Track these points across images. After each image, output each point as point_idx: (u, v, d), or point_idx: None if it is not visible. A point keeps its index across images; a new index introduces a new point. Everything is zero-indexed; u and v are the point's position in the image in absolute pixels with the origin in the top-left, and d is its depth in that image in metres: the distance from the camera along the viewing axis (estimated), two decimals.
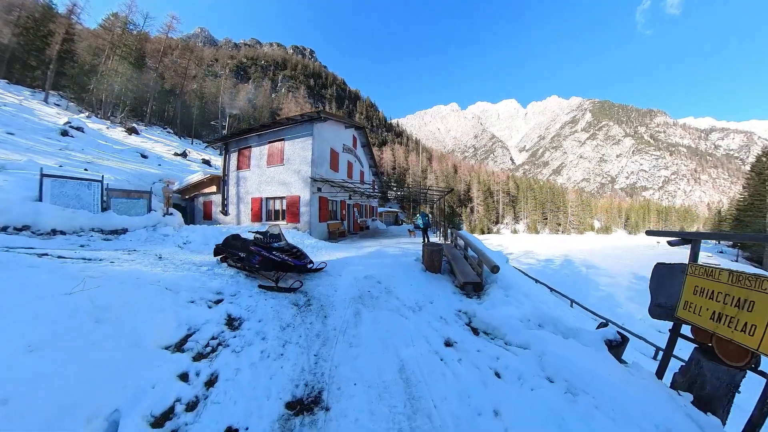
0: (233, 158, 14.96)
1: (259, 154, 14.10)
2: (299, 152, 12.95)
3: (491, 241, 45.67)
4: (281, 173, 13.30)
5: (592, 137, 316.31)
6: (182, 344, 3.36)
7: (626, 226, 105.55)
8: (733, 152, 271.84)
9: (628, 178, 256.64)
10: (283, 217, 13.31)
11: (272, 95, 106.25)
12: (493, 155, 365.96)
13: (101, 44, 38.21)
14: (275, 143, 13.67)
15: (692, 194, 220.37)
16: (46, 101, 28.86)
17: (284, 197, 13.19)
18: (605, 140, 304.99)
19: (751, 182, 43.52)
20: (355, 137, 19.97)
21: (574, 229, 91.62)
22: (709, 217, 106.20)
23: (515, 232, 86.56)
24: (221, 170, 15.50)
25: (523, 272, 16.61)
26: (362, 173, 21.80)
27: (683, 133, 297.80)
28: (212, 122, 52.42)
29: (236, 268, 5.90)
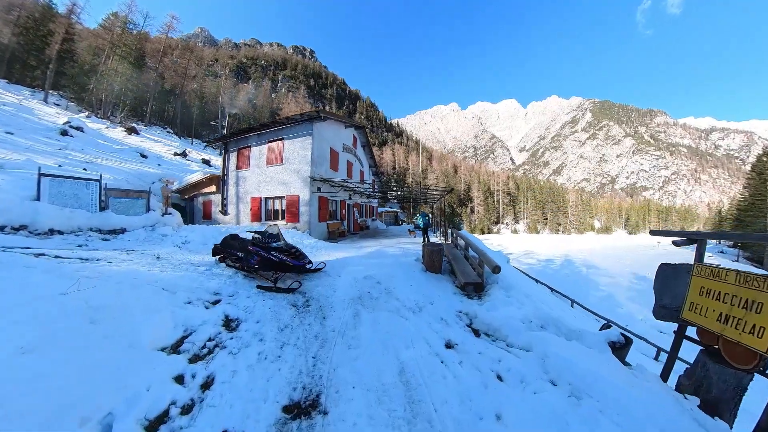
0: (233, 158, 14.91)
1: (258, 153, 14.05)
2: (299, 152, 12.90)
3: (491, 241, 45.64)
4: (281, 173, 13.25)
5: (592, 137, 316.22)
6: (178, 346, 3.31)
7: (626, 226, 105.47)
8: (733, 152, 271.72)
9: (628, 178, 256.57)
10: (282, 216, 13.26)
11: (272, 95, 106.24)
12: (493, 155, 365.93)
13: (101, 44, 38.18)
14: (275, 143, 13.62)
15: (692, 194, 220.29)
16: (45, 101, 28.82)
17: (284, 197, 13.14)
18: (605, 140, 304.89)
19: (751, 182, 43.47)
20: (355, 137, 19.92)
21: (574, 229, 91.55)
22: (709, 217, 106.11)
23: (515, 232, 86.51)
24: (221, 170, 15.45)
25: (523, 272, 16.56)
26: (362, 173, 21.75)
27: (683, 133, 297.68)
28: (212, 122, 52.39)
29: (234, 268, 5.85)
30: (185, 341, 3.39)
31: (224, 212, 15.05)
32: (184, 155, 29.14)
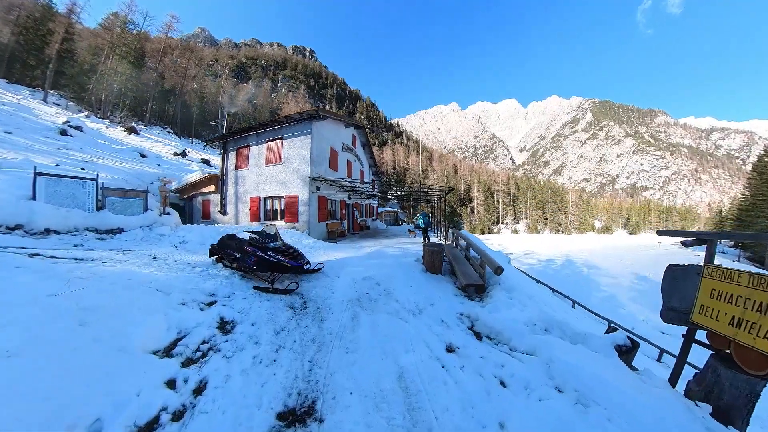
0: (231, 157, 14.82)
1: (257, 153, 13.95)
2: (298, 151, 12.80)
3: (492, 241, 45.52)
4: (280, 172, 13.16)
5: (592, 137, 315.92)
6: (171, 349, 3.23)
7: (627, 226, 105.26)
8: (734, 152, 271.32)
9: (628, 178, 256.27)
10: (281, 216, 13.17)
11: (272, 95, 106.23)
12: (493, 155, 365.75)
13: (101, 43, 38.11)
14: (274, 142, 13.53)
15: (693, 194, 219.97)
16: (45, 100, 28.74)
17: (283, 197, 13.04)
18: (606, 140, 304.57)
19: (752, 182, 43.33)
20: (354, 136, 19.82)
21: (574, 229, 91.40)
22: (710, 217, 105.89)
23: (516, 232, 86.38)
24: (219, 170, 15.36)
25: (524, 273, 16.46)
26: (362, 172, 21.65)
27: (684, 133, 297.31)
28: (212, 122, 52.31)
29: (231, 268, 5.76)
30: (178, 344, 3.31)
31: (223, 212, 14.96)
32: (183, 155, 29.06)
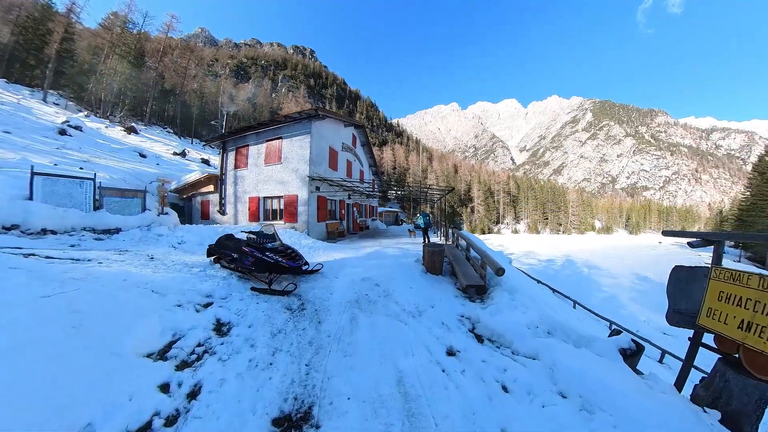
0: (231, 157, 14.76)
1: (256, 152, 13.88)
2: (297, 150, 12.73)
3: (492, 241, 45.43)
4: (279, 172, 13.08)
5: (592, 137, 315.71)
6: (165, 352, 3.16)
7: (627, 226, 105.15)
8: (734, 152, 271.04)
9: (629, 178, 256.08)
10: (280, 216, 13.10)
11: (272, 95, 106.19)
12: (493, 155, 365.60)
13: (101, 43, 38.08)
14: (273, 141, 13.46)
15: (693, 194, 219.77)
16: (44, 100, 28.69)
17: (282, 196, 12.97)
18: (606, 140, 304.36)
19: (753, 182, 43.18)
20: (354, 136, 19.75)
21: (575, 229, 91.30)
22: (710, 217, 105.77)
23: (516, 232, 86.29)
24: (219, 169, 15.30)
25: (525, 273, 16.38)
26: (362, 172, 21.58)
27: (684, 132, 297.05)
28: (212, 122, 52.26)
29: (229, 269, 5.69)
30: (173, 347, 3.25)
31: (222, 212, 14.90)
32: (183, 155, 29.00)
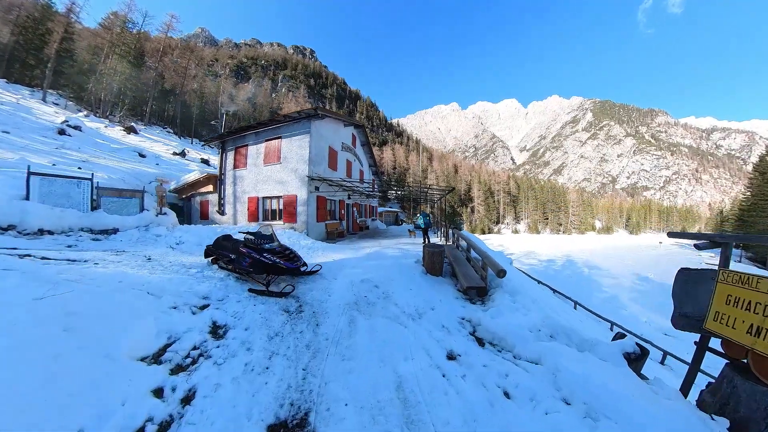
0: (230, 157, 14.70)
1: (255, 152, 13.82)
2: (296, 150, 12.67)
3: (492, 241, 45.35)
4: (278, 172, 13.02)
5: (593, 137, 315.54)
6: (160, 355, 3.10)
7: (627, 226, 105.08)
8: (734, 152, 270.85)
9: (629, 178, 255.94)
10: (280, 216, 13.04)
11: (272, 95, 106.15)
12: (493, 155, 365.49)
13: (100, 43, 38.03)
14: (272, 141, 13.39)
15: (693, 194, 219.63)
16: (44, 100, 28.64)
17: (281, 196, 12.91)
18: (606, 140, 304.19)
19: (754, 182, 43.08)
20: (354, 135, 19.68)
21: (575, 229, 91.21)
22: (710, 217, 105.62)
23: (516, 232, 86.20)
24: (218, 169, 15.23)
25: (526, 273, 16.31)
26: (362, 172, 21.52)
27: (684, 132, 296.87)
28: (212, 122, 52.17)
29: (227, 270, 5.63)
30: (168, 350, 3.18)
31: (221, 212, 14.84)
32: (183, 155, 28.95)
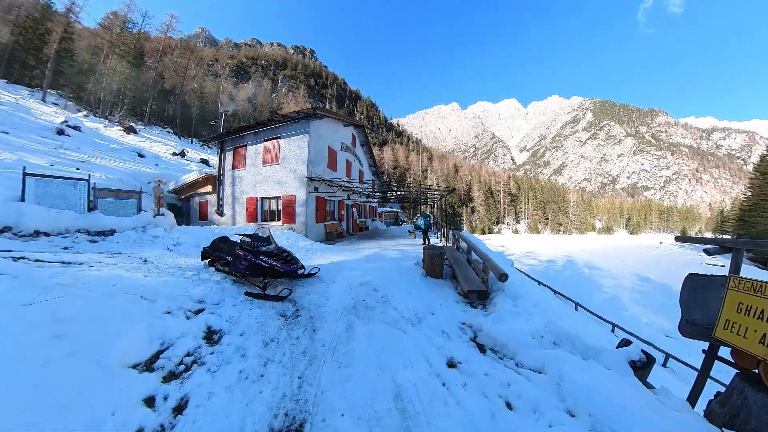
0: (229, 157, 14.61)
1: (254, 152, 13.74)
2: (295, 150, 12.58)
3: (492, 241, 45.23)
4: (277, 172, 12.94)
5: (593, 137, 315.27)
6: (152, 362, 3.01)
7: (628, 226, 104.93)
8: (735, 152, 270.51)
9: (629, 178, 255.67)
10: (278, 217, 12.95)
11: (272, 95, 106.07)
12: (494, 155, 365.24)
13: (100, 43, 37.96)
14: (271, 141, 13.31)
15: (694, 194, 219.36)
16: (43, 100, 28.57)
17: (280, 197, 12.82)
18: (606, 140, 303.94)
19: (755, 182, 42.91)
20: (354, 135, 19.59)
21: (575, 229, 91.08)
22: (711, 217, 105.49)
23: (516, 232, 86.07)
24: (217, 170, 15.15)
25: (526, 274, 16.22)
26: (361, 172, 21.43)
27: (685, 132, 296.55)
28: (212, 122, 52.09)
29: (224, 272, 5.54)
30: (160, 356, 3.10)
31: (220, 213, 14.76)
32: (182, 155, 28.87)
